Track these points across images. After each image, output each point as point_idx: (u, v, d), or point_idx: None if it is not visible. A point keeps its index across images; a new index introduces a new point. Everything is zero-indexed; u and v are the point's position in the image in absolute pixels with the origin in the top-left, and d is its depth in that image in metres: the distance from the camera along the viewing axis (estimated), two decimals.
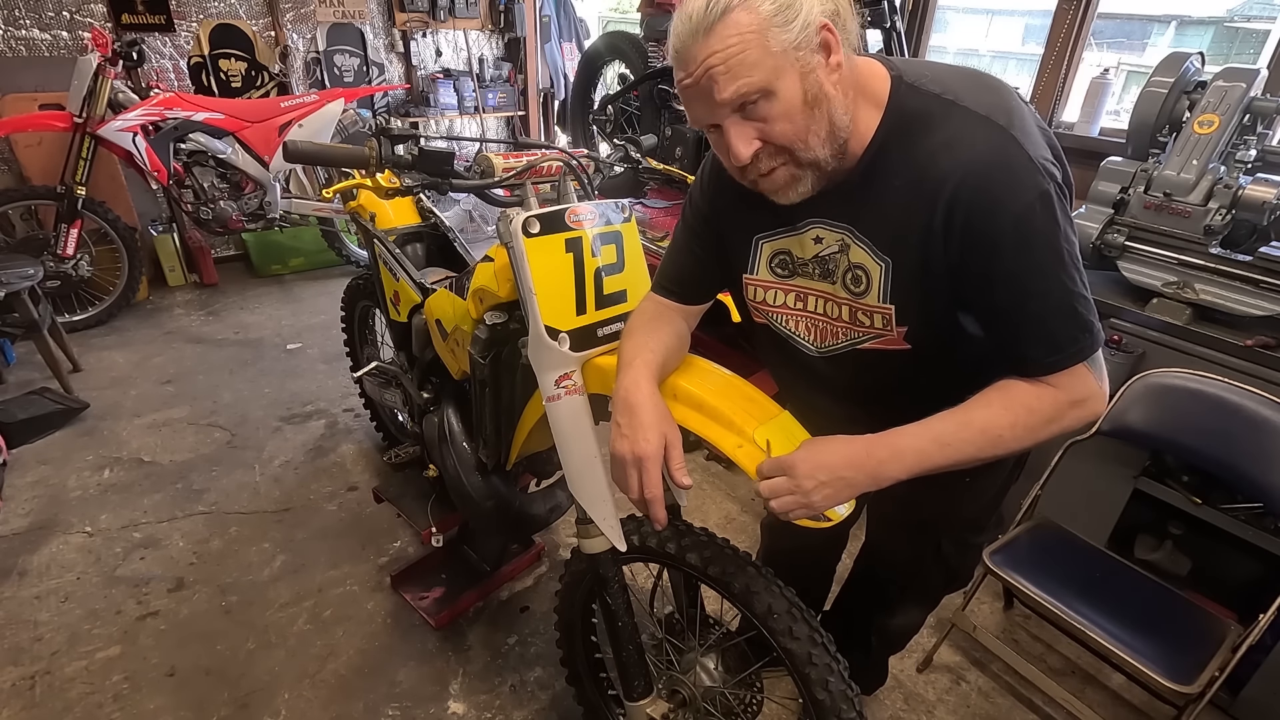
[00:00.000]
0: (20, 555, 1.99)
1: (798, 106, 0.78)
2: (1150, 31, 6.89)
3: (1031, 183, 0.77)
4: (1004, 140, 0.78)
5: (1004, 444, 0.82)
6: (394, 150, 1.17)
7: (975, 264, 0.81)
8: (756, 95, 0.77)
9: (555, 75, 5.18)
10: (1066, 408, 0.82)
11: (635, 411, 0.93)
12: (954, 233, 0.80)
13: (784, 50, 0.75)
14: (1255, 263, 1.54)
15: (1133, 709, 1.67)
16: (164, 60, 3.73)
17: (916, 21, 2.76)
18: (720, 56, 0.75)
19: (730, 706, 1.24)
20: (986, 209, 0.77)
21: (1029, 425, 0.82)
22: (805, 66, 0.76)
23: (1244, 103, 1.62)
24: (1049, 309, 0.80)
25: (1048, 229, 0.78)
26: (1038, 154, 0.78)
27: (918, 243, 0.83)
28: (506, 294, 1.25)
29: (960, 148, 0.79)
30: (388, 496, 1.99)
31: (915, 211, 0.82)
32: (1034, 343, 0.82)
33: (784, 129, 0.79)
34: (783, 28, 0.74)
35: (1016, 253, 0.78)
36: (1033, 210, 0.77)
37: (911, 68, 0.86)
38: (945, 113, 0.81)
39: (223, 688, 1.63)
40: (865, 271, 0.89)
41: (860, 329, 0.93)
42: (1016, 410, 0.82)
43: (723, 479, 2.42)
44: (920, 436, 0.83)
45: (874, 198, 0.86)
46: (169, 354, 3.19)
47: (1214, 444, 1.43)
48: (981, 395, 0.85)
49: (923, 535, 1.24)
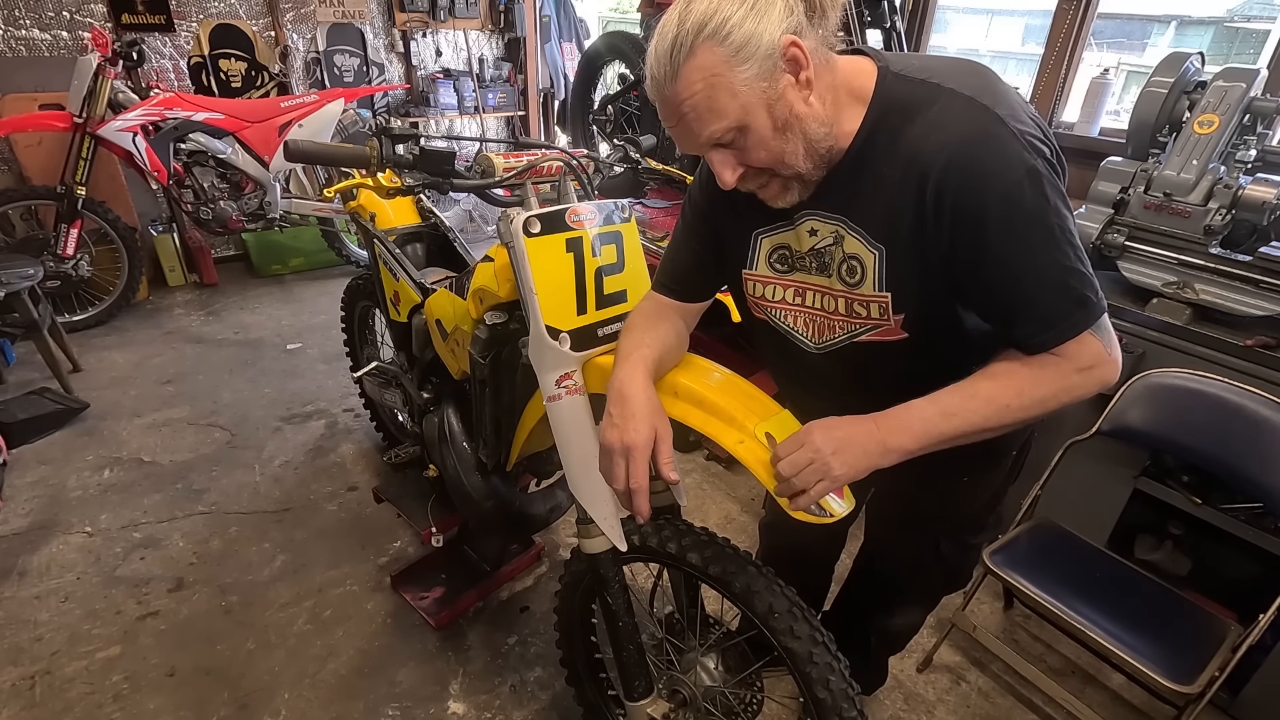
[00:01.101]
0: (20, 555, 1.99)
1: (769, 135, 0.80)
2: (1150, 31, 6.89)
3: (1018, 160, 0.77)
4: (989, 119, 0.78)
5: (1012, 413, 0.83)
6: (395, 150, 1.17)
7: (965, 243, 0.81)
8: (730, 135, 0.80)
9: (555, 75, 5.18)
10: (1073, 374, 0.82)
11: (627, 402, 0.94)
12: (944, 213, 0.80)
13: (749, 87, 0.77)
14: (1255, 263, 1.54)
15: (1133, 709, 1.67)
16: (164, 60, 3.73)
17: (916, 21, 2.76)
18: (690, 104, 0.79)
19: (731, 706, 1.24)
20: (974, 187, 0.78)
21: (1036, 395, 0.82)
22: (772, 95, 0.78)
23: (1244, 103, 1.62)
24: (1041, 286, 0.80)
25: (1036, 205, 0.78)
26: (1023, 131, 0.78)
27: (910, 227, 0.83)
28: (506, 294, 1.25)
29: (947, 128, 0.79)
30: (388, 496, 1.99)
31: (905, 195, 0.82)
32: (1028, 320, 0.82)
33: (760, 156, 0.82)
34: (741, 65, 0.76)
35: (1006, 231, 0.78)
36: (1020, 187, 0.77)
37: (899, 59, 0.87)
38: (931, 96, 0.81)
39: (223, 688, 1.63)
40: (860, 261, 0.89)
41: (857, 320, 0.94)
42: (1022, 380, 0.83)
43: (723, 479, 2.42)
44: (926, 408, 0.84)
45: (865, 187, 0.86)
46: (169, 354, 3.19)
47: (1214, 444, 1.43)
48: (987, 368, 0.86)
49: (922, 534, 1.24)
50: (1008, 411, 0.82)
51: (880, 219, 0.86)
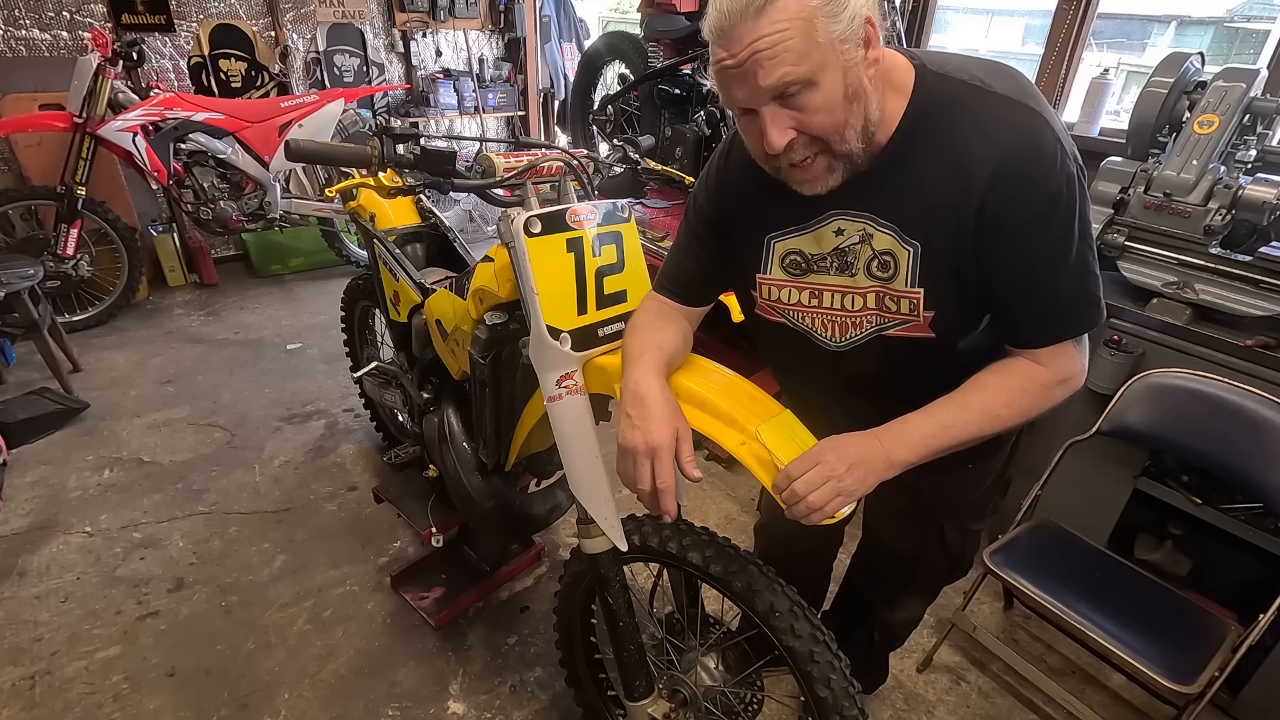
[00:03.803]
0: (20, 555, 1.99)
1: (838, 100, 0.78)
2: (1150, 31, 6.89)
3: (1062, 165, 0.81)
4: (1037, 123, 0.81)
5: (1002, 421, 0.88)
6: (396, 150, 1.17)
7: (1004, 240, 0.83)
8: (799, 86, 0.76)
9: (555, 75, 5.18)
10: (1055, 386, 0.89)
11: (646, 404, 0.94)
12: (987, 212, 0.82)
13: (830, 42, 0.75)
14: (1255, 263, 1.54)
15: (1133, 709, 1.67)
16: (164, 60, 3.73)
17: (916, 21, 2.76)
18: (768, 41, 0.74)
19: (731, 706, 1.24)
20: (1023, 190, 0.81)
21: (1023, 405, 0.88)
22: (849, 60, 0.77)
23: (1244, 103, 1.62)
24: (1065, 284, 0.85)
25: (1074, 209, 0.82)
26: (1065, 137, 0.82)
27: (952, 225, 0.84)
28: (507, 294, 1.25)
29: (999, 131, 0.81)
30: (388, 496, 1.99)
31: (951, 195, 0.83)
32: (1046, 316, 0.87)
33: (823, 121, 0.79)
34: (831, 19, 0.74)
35: (1046, 230, 0.82)
36: (1061, 192, 0.81)
37: (933, 57, 0.87)
38: (976, 98, 0.82)
39: (223, 688, 1.63)
40: (893, 256, 0.90)
41: (887, 314, 0.94)
42: (1011, 391, 0.89)
43: (723, 479, 2.42)
44: (924, 423, 0.88)
45: (902, 184, 0.86)
46: (169, 354, 3.19)
47: (1214, 444, 1.43)
48: (976, 379, 0.91)
49: (925, 523, 1.24)
50: (998, 421, 0.88)
51: (919, 216, 0.86)
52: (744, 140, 0.89)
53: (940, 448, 0.87)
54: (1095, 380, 1.70)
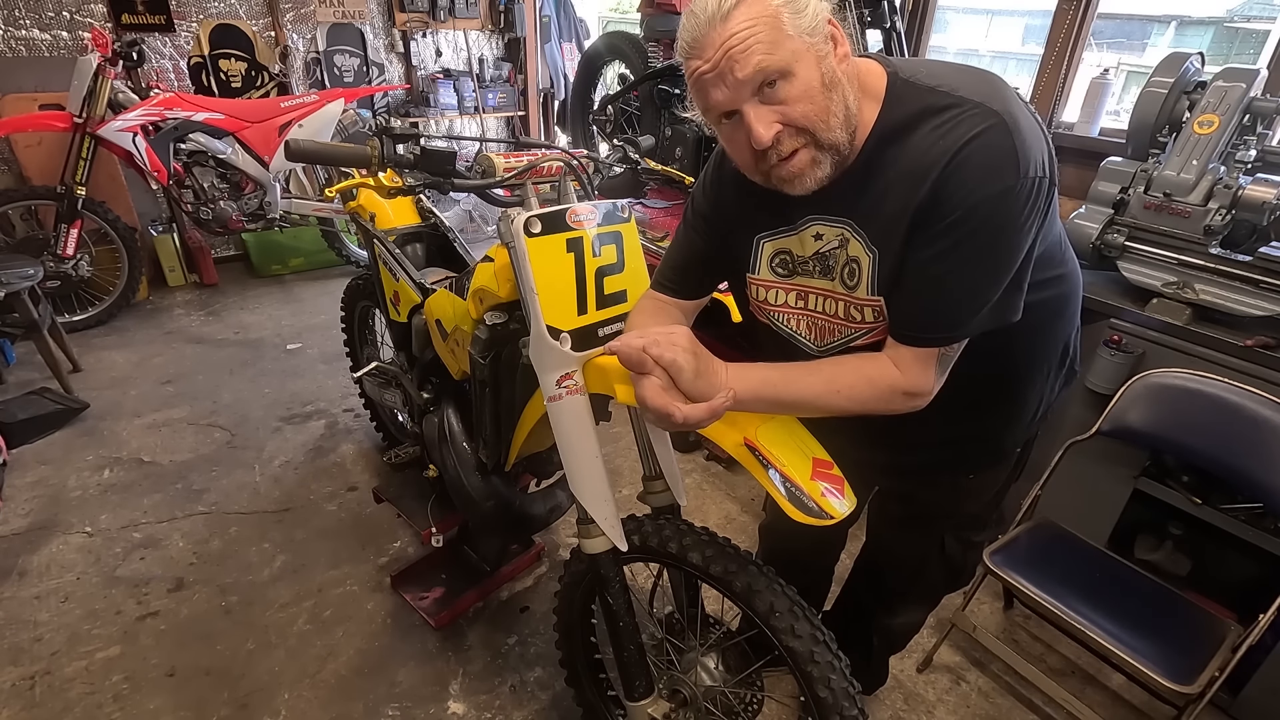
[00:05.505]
0: (20, 555, 1.99)
1: (816, 87, 0.79)
2: (1150, 31, 6.89)
3: (1009, 172, 0.77)
4: (994, 125, 0.78)
5: (838, 399, 0.88)
6: (396, 150, 1.17)
7: (918, 231, 0.83)
8: (776, 75, 0.78)
9: (555, 75, 5.18)
10: (900, 394, 0.88)
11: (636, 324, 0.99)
12: (922, 210, 0.81)
13: (798, 35, 0.77)
14: (1255, 263, 1.54)
15: (1133, 709, 1.67)
16: (164, 60, 3.73)
17: (916, 21, 2.76)
18: (739, 38, 0.77)
19: (731, 706, 1.24)
20: (953, 189, 0.79)
21: (863, 395, 0.88)
22: (819, 51, 0.79)
23: (1244, 103, 1.62)
24: (960, 292, 0.83)
25: (1004, 222, 0.79)
26: (1025, 149, 0.78)
27: (905, 230, 0.84)
28: (506, 294, 1.25)
29: (953, 132, 0.80)
30: (388, 496, 1.99)
31: (904, 198, 0.82)
32: (928, 313, 0.85)
33: (805, 109, 0.80)
34: (796, 14, 0.77)
35: (964, 232, 0.80)
36: (996, 200, 0.78)
37: (907, 65, 0.87)
38: (941, 104, 0.82)
39: (223, 688, 1.63)
40: (858, 264, 0.90)
41: (853, 325, 0.94)
42: (859, 376, 0.88)
43: (723, 479, 2.42)
44: (769, 370, 0.90)
45: (871, 190, 0.86)
46: (169, 354, 3.19)
47: (1214, 444, 1.43)
48: (840, 356, 0.93)
49: (926, 533, 1.24)
50: (836, 397, 0.88)
51: (882, 222, 0.86)
52: (730, 152, 0.89)
53: (775, 398, 0.88)
54: (1095, 380, 1.70)
